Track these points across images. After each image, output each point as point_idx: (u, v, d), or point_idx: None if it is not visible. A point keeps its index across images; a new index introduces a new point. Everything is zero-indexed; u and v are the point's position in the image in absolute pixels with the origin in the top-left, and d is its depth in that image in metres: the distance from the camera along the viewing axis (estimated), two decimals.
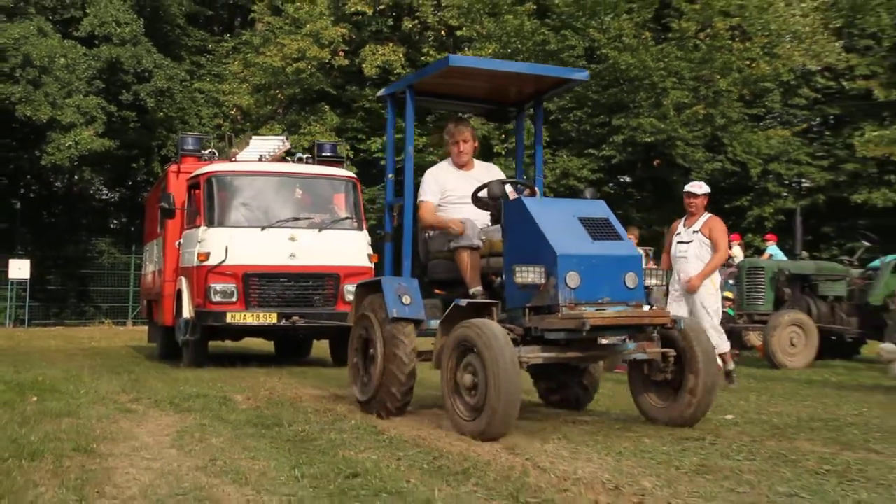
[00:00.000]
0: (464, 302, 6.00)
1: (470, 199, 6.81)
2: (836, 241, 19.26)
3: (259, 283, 10.86)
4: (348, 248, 11.53)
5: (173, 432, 6.10)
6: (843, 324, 14.48)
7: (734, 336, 12.79)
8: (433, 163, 10.38)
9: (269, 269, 10.95)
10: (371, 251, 11.97)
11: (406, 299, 6.24)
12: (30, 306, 25.92)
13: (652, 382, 6.23)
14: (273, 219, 11.24)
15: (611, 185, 25.27)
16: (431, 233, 7.13)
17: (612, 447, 5.57)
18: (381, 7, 25.48)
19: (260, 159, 12.79)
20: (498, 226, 6.83)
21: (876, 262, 14.66)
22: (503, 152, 23.23)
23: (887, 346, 11.27)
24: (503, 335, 5.40)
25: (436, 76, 6.89)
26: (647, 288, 8.19)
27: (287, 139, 14.00)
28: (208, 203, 11.21)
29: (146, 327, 17.03)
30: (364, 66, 24.67)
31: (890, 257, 14.21)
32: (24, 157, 26.93)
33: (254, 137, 13.75)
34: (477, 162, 7.25)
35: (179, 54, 27.70)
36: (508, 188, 6.67)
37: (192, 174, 12.02)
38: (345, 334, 11.32)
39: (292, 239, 11.06)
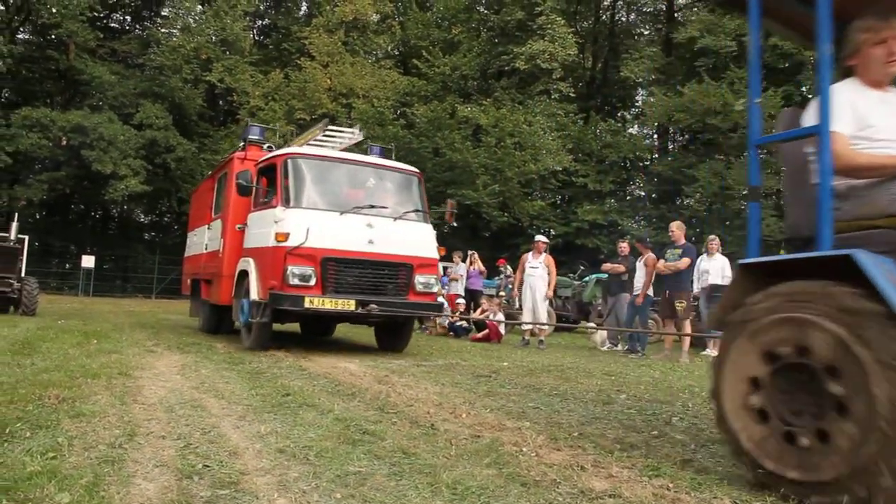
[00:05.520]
0: None
1: None
2: (566, 265, 19.78)
3: (337, 269, 7.44)
4: (420, 239, 8.13)
5: (179, 365, 6.07)
6: (569, 311, 15.14)
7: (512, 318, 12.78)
8: None
9: (348, 254, 7.48)
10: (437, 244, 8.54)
11: None
12: (93, 284, 26.65)
13: None
14: (350, 205, 7.78)
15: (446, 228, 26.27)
16: (842, 184, 2.77)
17: (439, 381, 5.68)
18: (315, 117, 26.38)
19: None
20: None
21: (586, 278, 15.62)
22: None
23: (590, 324, 12.68)
24: None
25: None
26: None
27: (360, 131, 9.98)
28: (285, 184, 7.73)
29: (166, 300, 15.66)
30: None
31: (594, 275, 14.94)
32: (94, 193, 28.37)
33: (329, 127, 9.72)
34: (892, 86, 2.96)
35: (192, 137, 28.94)
36: None
37: (266, 157, 8.59)
38: (407, 323, 8.45)
39: (370, 226, 7.64)
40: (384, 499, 2.47)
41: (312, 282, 7.26)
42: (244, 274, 8.10)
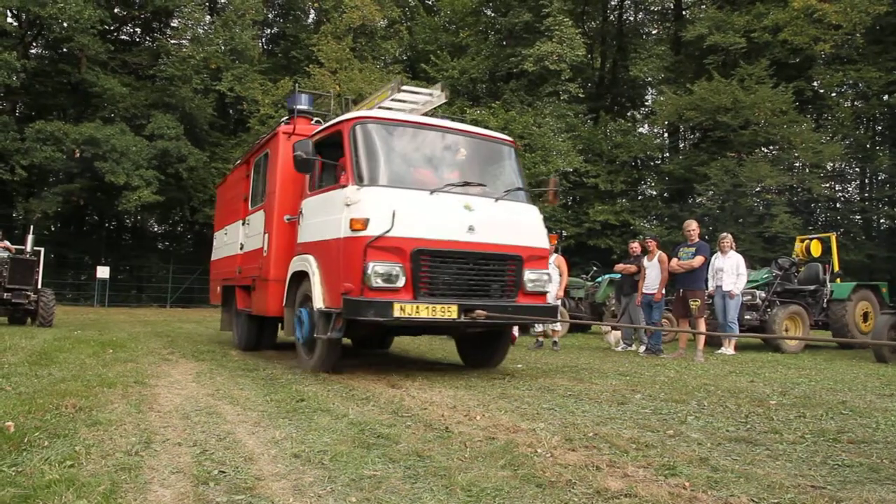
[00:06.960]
0: None
1: None
2: (579, 265, 19.88)
3: (432, 264, 5.67)
4: (529, 225, 6.42)
5: (194, 373, 6.09)
6: (582, 312, 15.01)
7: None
8: None
9: (446, 245, 5.71)
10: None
11: None
12: (108, 294, 26.93)
13: None
14: (440, 182, 6.06)
15: None
16: None
17: (453, 384, 5.57)
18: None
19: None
20: None
21: (599, 278, 15.34)
22: None
23: (605, 326, 12.34)
24: None
25: None
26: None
27: (442, 91, 7.50)
28: (358, 157, 5.93)
29: (181, 309, 15.12)
30: None
31: (606, 276, 14.70)
32: (108, 205, 28.51)
33: (404, 86, 7.54)
34: None
35: (203, 146, 28.88)
36: None
37: (328, 125, 6.73)
38: (507, 331, 6.95)
39: (468, 208, 5.86)
40: (399, 502, 2.48)
41: (401, 282, 5.54)
42: (301, 276, 6.47)
